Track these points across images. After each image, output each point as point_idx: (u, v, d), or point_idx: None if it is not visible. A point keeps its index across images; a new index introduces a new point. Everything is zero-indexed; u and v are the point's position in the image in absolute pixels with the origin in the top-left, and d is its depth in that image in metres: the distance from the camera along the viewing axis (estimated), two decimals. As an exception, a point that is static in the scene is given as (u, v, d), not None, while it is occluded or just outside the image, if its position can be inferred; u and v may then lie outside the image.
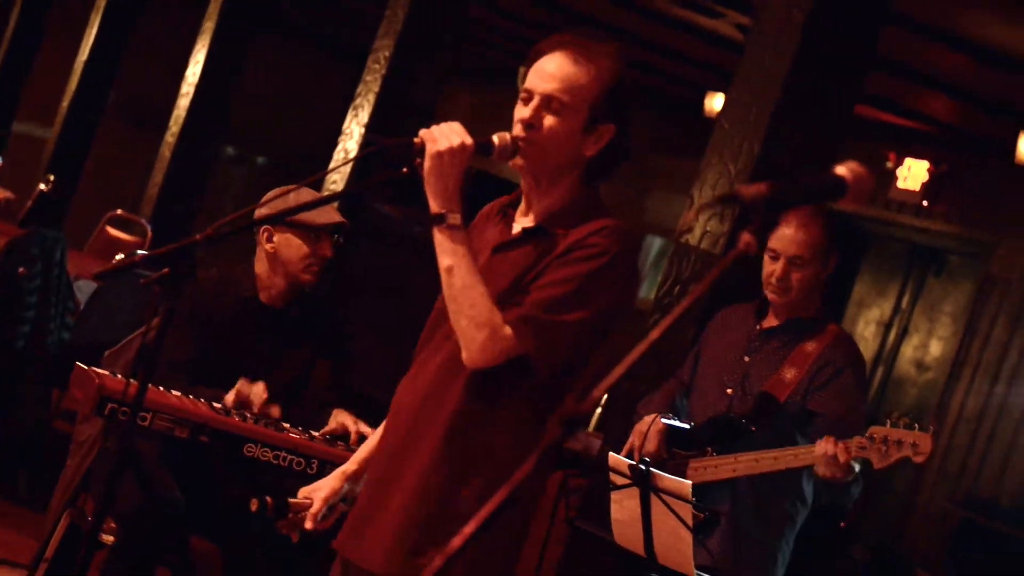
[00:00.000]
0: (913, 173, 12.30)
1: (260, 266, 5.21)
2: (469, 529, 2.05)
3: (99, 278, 3.16)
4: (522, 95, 3.37)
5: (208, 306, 5.13)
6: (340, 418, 5.03)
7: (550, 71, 3.33)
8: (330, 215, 5.16)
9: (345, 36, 16.79)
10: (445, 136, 3.27)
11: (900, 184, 12.42)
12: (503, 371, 3.25)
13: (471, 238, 3.43)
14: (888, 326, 12.75)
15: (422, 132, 3.30)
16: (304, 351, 5.29)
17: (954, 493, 10.71)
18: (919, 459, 4.50)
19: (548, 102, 3.31)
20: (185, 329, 5.04)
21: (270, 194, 5.02)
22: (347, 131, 8.88)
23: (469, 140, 3.27)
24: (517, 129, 3.34)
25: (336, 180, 8.76)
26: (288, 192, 4.82)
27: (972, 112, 10.89)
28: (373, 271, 6.86)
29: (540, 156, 3.34)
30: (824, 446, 4.54)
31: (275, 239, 5.15)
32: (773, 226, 2.14)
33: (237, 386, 4.85)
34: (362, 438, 4.89)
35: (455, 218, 3.27)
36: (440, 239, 3.27)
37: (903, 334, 12.62)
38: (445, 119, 3.34)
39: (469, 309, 3.23)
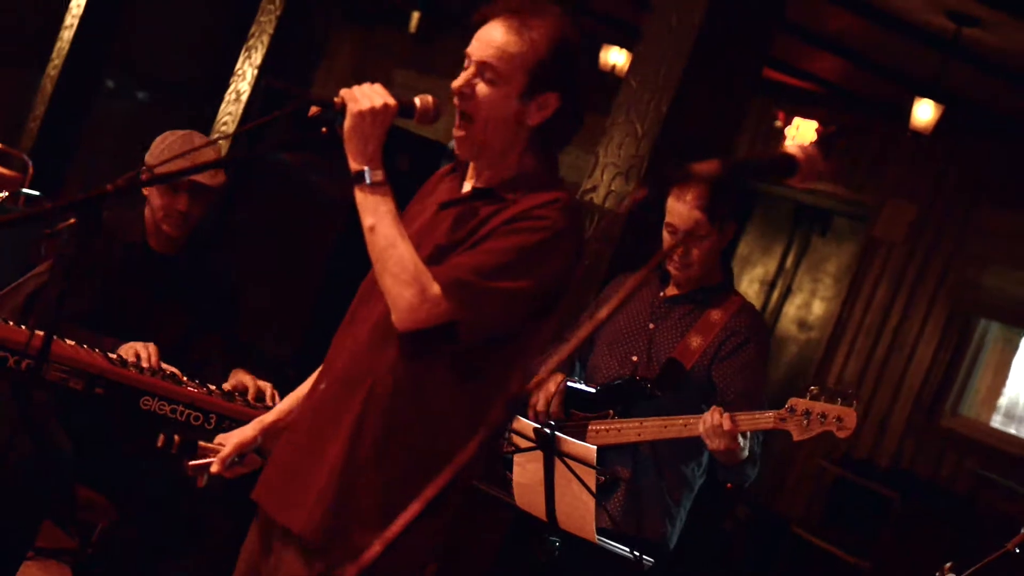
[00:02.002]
0: (801, 133, 12.35)
1: (148, 210, 5.09)
2: (409, 514, 1.96)
3: (4, 227, 3.06)
4: (465, 62, 3.32)
5: (97, 251, 5.00)
6: (240, 376, 4.93)
7: (486, 38, 3.28)
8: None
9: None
10: (367, 96, 3.20)
11: (788, 143, 12.45)
12: (429, 336, 3.19)
13: (422, 199, 3.42)
14: (772, 285, 12.83)
15: (343, 91, 3.24)
16: (194, 299, 5.17)
17: (831, 453, 10.82)
18: (843, 434, 4.48)
19: (482, 70, 3.27)
20: (74, 276, 4.91)
21: (159, 139, 4.99)
22: (239, 72, 8.70)
23: (392, 101, 3.22)
24: (456, 98, 3.30)
25: (227, 123, 8.60)
26: (178, 139, 4.74)
27: (864, 75, 10.95)
28: (267, 220, 6.71)
29: (478, 126, 3.28)
30: (710, 416, 4.53)
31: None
32: (728, 205, 2.10)
33: (127, 346, 4.72)
34: (261, 395, 4.80)
35: (376, 175, 3.20)
36: (361, 197, 3.21)
37: (786, 293, 12.71)
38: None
39: (394, 267, 3.16)
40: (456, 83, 3.28)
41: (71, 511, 5.04)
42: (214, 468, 3.58)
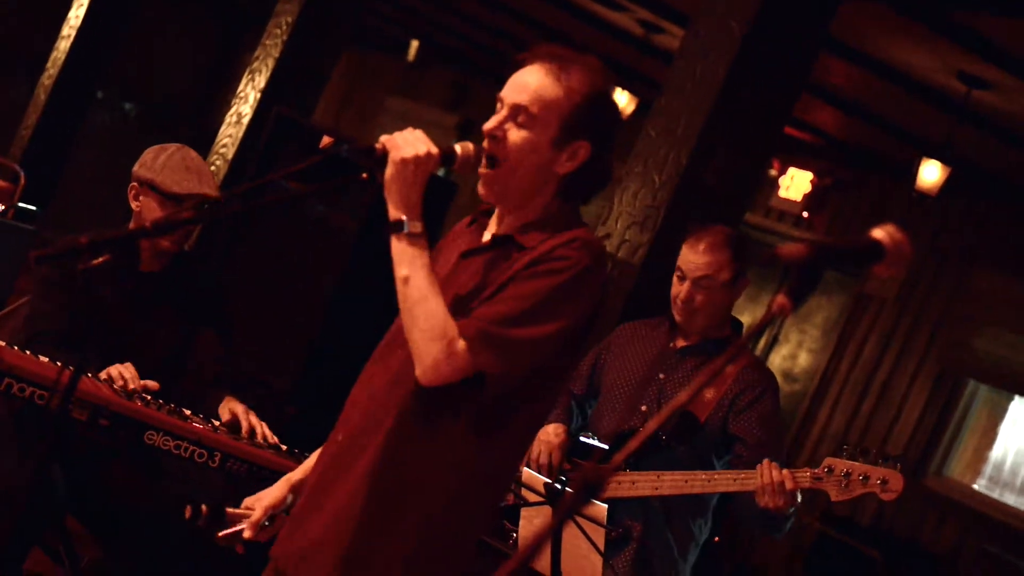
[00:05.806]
0: (796, 183, 12.35)
1: (133, 226, 4.98)
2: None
3: (39, 262, 2.95)
4: (497, 105, 3.26)
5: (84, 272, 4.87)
6: (231, 406, 4.79)
7: (522, 82, 3.22)
8: (192, 184, 4.94)
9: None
10: (410, 144, 3.13)
11: (782, 193, 12.46)
12: (456, 387, 3.11)
13: (444, 249, 3.36)
14: (758, 334, 12.76)
15: (383, 138, 3.16)
16: (183, 316, 5.07)
17: (813, 508, 10.75)
18: (888, 496, 4.37)
19: (515, 113, 3.20)
20: (57, 297, 4.80)
21: (151, 152, 4.94)
22: (241, 95, 8.60)
23: (435, 149, 3.15)
24: (486, 141, 3.22)
25: (226, 145, 8.49)
26: (175, 153, 4.81)
27: (864, 129, 10.93)
28: (272, 250, 6.60)
29: (506, 170, 3.21)
30: (768, 473, 4.41)
31: (140, 199, 4.97)
32: (808, 289, 2.02)
33: (107, 371, 4.59)
34: (252, 432, 4.68)
35: (415, 226, 3.13)
36: (398, 247, 3.13)
37: (773, 343, 12.65)
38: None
39: (423, 322, 3.08)
40: (488, 125, 3.21)
41: (63, 541, 4.93)
42: (246, 534, 3.46)
